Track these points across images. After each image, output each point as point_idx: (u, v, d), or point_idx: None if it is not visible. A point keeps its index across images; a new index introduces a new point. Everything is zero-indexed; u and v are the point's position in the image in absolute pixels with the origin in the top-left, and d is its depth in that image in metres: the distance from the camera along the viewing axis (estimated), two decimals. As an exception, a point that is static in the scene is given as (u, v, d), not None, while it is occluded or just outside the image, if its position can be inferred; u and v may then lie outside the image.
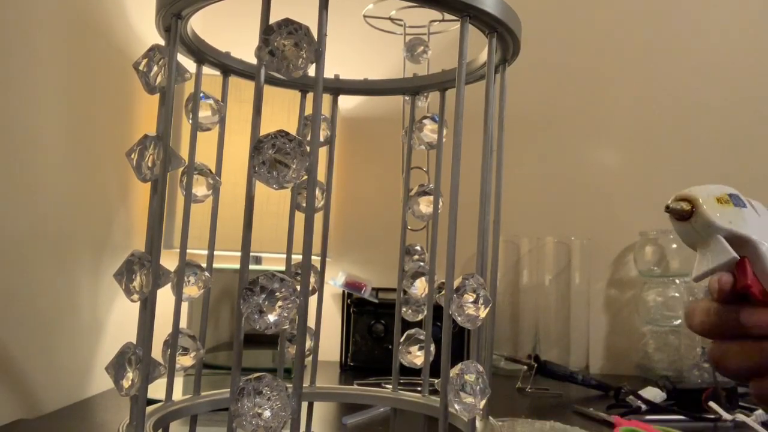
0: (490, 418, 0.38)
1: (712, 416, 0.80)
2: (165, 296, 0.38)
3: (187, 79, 0.39)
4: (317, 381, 0.50)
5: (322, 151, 0.47)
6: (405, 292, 0.49)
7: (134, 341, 0.36)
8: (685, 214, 0.39)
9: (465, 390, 0.33)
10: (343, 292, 1.10)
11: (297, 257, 0.43)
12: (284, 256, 0.49)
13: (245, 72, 0.46)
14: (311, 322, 0.46)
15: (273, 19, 0.30)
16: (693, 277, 0.40)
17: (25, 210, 0.72)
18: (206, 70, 0.44)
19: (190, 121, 0.42)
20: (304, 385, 0.42)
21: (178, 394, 0.42)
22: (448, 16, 0.72)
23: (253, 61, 0.35)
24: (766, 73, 1.30)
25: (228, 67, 0.45)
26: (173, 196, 0.97)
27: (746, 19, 1.31)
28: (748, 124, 1.28)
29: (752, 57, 1.30)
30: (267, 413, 0.28)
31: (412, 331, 0.47)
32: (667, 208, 0.39)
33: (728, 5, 1.32)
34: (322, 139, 0.50)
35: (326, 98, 0.49)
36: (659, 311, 1.15)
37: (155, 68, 0.37)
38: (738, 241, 0.38)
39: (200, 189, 0.43)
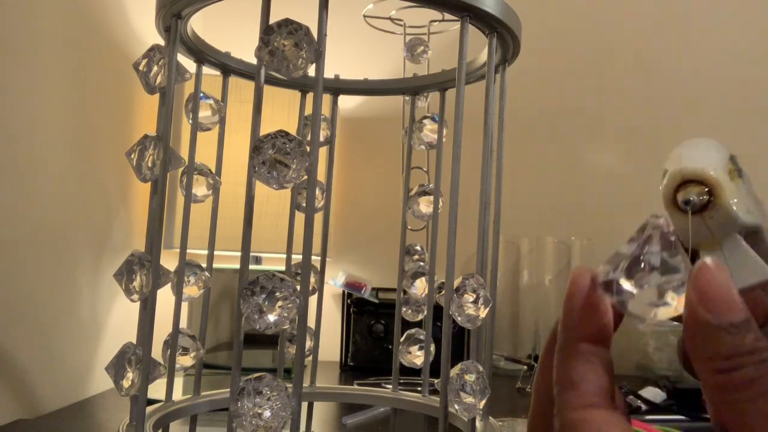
0: (490, 418, 0.38)
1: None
2: (165, 296, 0.38)
3: (187, 79, 0.39)
4: (317, 381, 0.50)
5: (322, 151, 0.47)
6: (405, 292, 0.49)
7: (134, 341, 0.36)
8: (698, 206, 0.27)
9: (465, 390, 0.33)
10: (343, 292, 1.10)
11: (297, 257, 0.43)
12: (284, 256, 0.49)
13: (245, 72, 0.46)
14: (311, 322, 0.46)
15: (273, 19, 0.30)
16: None
17: (25, 210, 0.72)
18: (206, 70, 0.44)
19: (190, 121, 0.42)
20: (304, 385, 0.42)
21: (178, 394, 0.42)
22: (448, 16, 0.72)
23: (253, 61, 0.35)
24: None
25: (228, 67, 0.45)
26: (173, 196, 0.97)
27: (748, 20, 1.31)
28: (749, 124, 1.28)
29: (754, 57, 1.30)
30: (267, 413, 0.28)
31: (412, 331, 0.47)
32: (676, 201, 0.27)
33: (730, 5, 1.32)
34: (322, 139, 0.50)
35: (326, 98, 0.49)
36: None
37: (155, 68, 0.37)
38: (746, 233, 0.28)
39: (200, 189, 0.43)
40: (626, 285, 0.23)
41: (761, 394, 0.21)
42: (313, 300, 0.46)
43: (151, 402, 0.38)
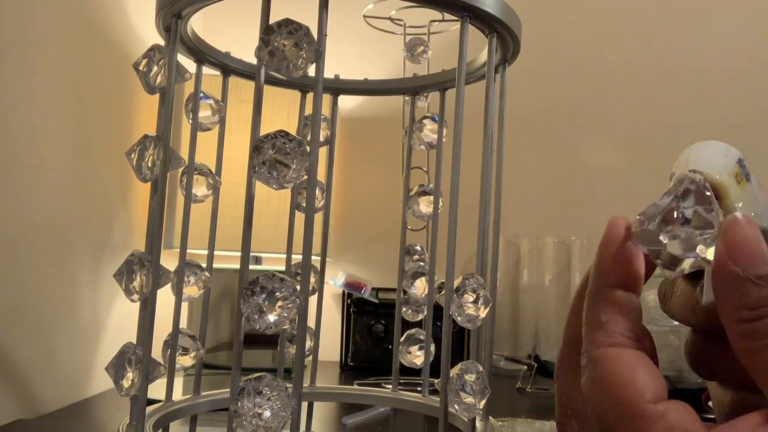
0: (490, 418, 0.38)
1: (712, 416, 0.80)
2: (165, 296, 0.38)
3: (187, 79, 0.39)
4: (317, 381, 0.50)
5: (322, 151, 0.47)
6: (405, 292, 0.49)
7: (134, 341, 0.36)
8: None
9: (465, 390, 0.33)
10: (343, 292, 1.10)
11: (297, 257, 0.43)
12: (284, 256, 0.49)
13: (245, 72, 0.46)
14: (311, 322, 0.46)
15: (273, 19, 0.30)
16: (706, 302, 0.26)
17: (25, 210, 0.72)
18: (206, 70, 0.44)
19: (190, 121, 0.42)
20: (304, 385, 0.42)
21: (178, 394, 0.42)
22: (448, 16, 0.72)
23: (253, 61, 0.35)
24: None
25: (228, 67, 0.45)
26: (173, 196, 0.97)
27: (749, 19, 1.31)
28: (750, 124, 1.28)
29: (755, 56, 1.30)
30: (267, 413, 0.28)
31: (412, 331, 0.47)
32: None
33: (731, 4, 1.32)
34: (322, 139, 0.50)
35: (326, 98, 0.49)
36: (659, 311, 1.14)
37: (155, 68, 0.37)
38: None
39: (200, 189, 0.43)
40: (659, 235, 0.24)
41: None
42: (313, 300, 0.46)
43: (151, 402, 0.38)
